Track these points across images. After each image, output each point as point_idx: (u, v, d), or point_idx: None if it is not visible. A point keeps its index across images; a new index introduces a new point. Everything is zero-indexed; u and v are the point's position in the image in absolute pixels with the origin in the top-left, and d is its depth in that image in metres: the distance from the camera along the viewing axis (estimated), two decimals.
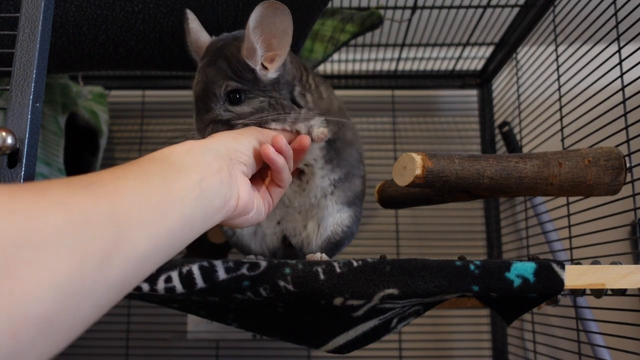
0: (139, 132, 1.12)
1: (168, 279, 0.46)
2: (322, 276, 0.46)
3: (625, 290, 0.51)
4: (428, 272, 0.46)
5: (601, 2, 0.69)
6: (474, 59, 1.07)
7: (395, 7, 0.89)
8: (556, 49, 0.79)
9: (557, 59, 0.78)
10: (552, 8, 0.79)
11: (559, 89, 0.76)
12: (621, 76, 0.62)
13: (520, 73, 0.96)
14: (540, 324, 0.89)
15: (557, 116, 0.75)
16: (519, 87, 0.94)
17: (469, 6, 0.89)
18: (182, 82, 1.10)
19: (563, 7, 0.77)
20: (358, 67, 1.11)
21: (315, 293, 0.46)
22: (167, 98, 1.14)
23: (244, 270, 0.46)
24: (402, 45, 1.02)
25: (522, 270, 0.47)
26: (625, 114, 0.61)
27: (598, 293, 0.57)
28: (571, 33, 0.75)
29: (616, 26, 0.63)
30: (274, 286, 0.46)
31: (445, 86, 1.13)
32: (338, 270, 0.46)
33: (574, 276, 0.47)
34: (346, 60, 1.10)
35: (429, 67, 1.11)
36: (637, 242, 0.62)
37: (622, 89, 0.62)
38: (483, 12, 0.91)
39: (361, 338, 0.54)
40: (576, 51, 0.74)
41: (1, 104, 0.80)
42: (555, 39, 0.79)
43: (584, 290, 0.61)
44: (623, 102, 0.61)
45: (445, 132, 1.15)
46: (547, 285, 0.46)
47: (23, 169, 0.41)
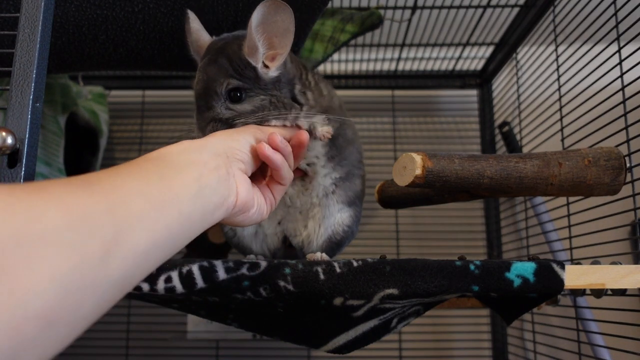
0: (139, 132, 1.12)
1: (168, 279, 0.46)
2: (322, 276, 0.46)
3: (625, 290, 0.51)
4: (428, 272, 0.46)
5: (601, 2, 0.69)
6: (474, 59, 1.07)
7: (395, 7, 0.89)
8: (556, 49, 0.79)
9: (557, 59, 0.78)
10: (552, 8, 0.79)
11: (559, 89, 0.76)
12: (621, 76, 0.62)
13: (520, 73, 0.96)
14: (540, 324, 0.89)
15: (557, 116, 0.75)
16: (519, 87, 0.94)
17: (469, 6, 0.89)
18: (182, 82, 1.10)
19: (563, 7, 0.77)
20: (358, 67, 1.11)
21: (315, 293, 0.46)
22: (167, 98, 1.14)
23: (244, 270, 0.46)
24: (402, 45, 1.02)
25: (522, 270, 0.47)
26: (625, 114, 0.61)
27: (598, 293, 0.57)
28: (571, 33, 0.75)
29: (616, 26, 0.63)
30: (274, 286, 0.46)
31: (445, 86, 1.13)
32: (338, 270, 0.46)
33: (574, 276, 0.47)
34: (346, 60, 1.09)
35: (429, 67, 1.11)
36: (637, 242, 0.62)
37: (622, 89, 0.62)
38: (483, 12, 0.91)
39: (361, 338, 0.54)
40: (576, 51, 0.74)
41: (1, 104, 0.80)
42: (555, 39, 0.79)
43: (584, 290, 0.61)
44: (623, 102, 0.61)
45: (445, 132, 1.15)
46: (547, 285, 0.46)
47: (23, 169, 0.41)
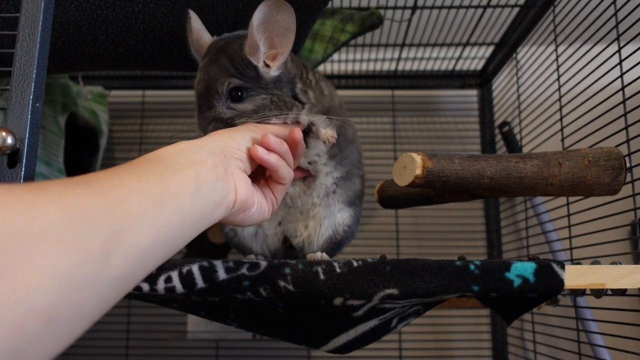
0: (139, 132, 1.12)
1: (168, 279, 0.46)
2: (322, 276, 0.46)
3: (625, 290, 0.51)
4: (428, 272, 0.46)
5: (601, 2, 0.69)
6: (474, 59, 1.07)
7: (395, 7, 0.89)
8: (556, 49, 0.79)
9: (557, 59, 0.78)
10: (552, 8, 0.79)
11: (559, 89, 0.76)
12: (621, 76, 0.62)
13: (520, 73, 0.96)
14: (540, 324, 0.89)
15: (557, 116, 0.75)
16: (519, 87, 0.94)
17: (469, 6, 0.89)
18: (182, 82, 1.10)
19: (563, 7, 0.77)
20: (358, 67, 1.11)
21: (315, 293, 0.46)
22: (167, 98, 1.14)
23: (244, 270, 0.46)
24: (402, 45, 1.02)
25: (522, 270, 0.46)
26: (625, 114, 0.61)
27: (598, 293, 0.57)
28: (571, 33, 0.75)
29: (616, 26, 0.63)
30: (274, 286, 0.46)
31: (445, 86, 1.13)
32: (338, 270, 0.46)
33: (574, 276, 0.47)
34: (346, 60, 1.09)
35: (429, 67, 1.11)
36: (637, 242, 0.62)
37: (622, 89, 0.62)
38: (483, 12, 0.90)
39: (361, 338, 0.54)
40: (576, 51, 0.74)
41: (1, 104, 0.80)
42: (555, 39, 0.79)
43: (584, 290, 0.61)
44: (623, 102, 0.61)
45: (445, 132, 1.15)
46: (547, 285, 0.46)
47: (23, 169, 0.41)
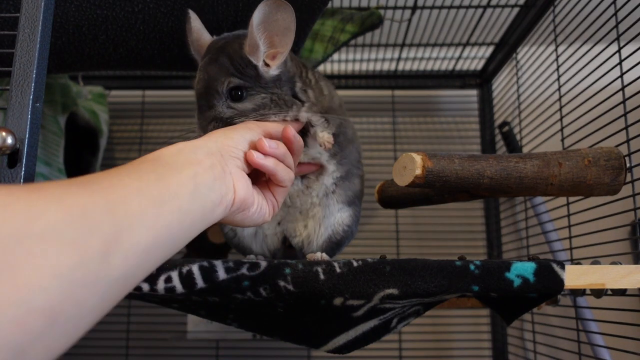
0: (139, 132, 1.12)
1: (168, 279, 0.46)
2: (322, 276, 0.46)
3: (625, 290, 0.51)
4: (428, 272, 0.46)
5: (601, 2, 0.69)
6: (474, 59, 1.07)
7: (395, 7, 0.89)
8: (556, 49, 0.79)
9: (557, 59, 0.78)
10: (552, 8, 0.79)
11: (559, 89, 0.76)
12: (621, 76, 0.62)
13: (520, 73, 0.96)
14: (540, 324, 0.89)
15: (557, 116, 0.74)
16: (519, 87, 0.94)
17: (469, 6, 0.89)
18: (182, 82, 1.10)
19: (563, 7, 0.77)
20: (358, 67, 1.11)
21: (315, 293, 0.46)
22: (167, 98, 1.14)
23: (244, 270, 0.46)
24: (402, 45, 1.02)
25: (522, 270, 0.46)
26: (625, 114, 0.61)
27: (598, 293, 0.57)
28: (571, 33, 0.75)
29: (616, 26, 0.63)
30: (274, 286, 0.46)
31: (445, 86, 1.13)
32: (338, 270, 0.46)
33: (574, 276, 0.47)
34: (346, 60, 1.09)
35: (429, 67, 1.11)
36: (637, 242, 0.62)
37: (622, 89, 0.62)
38: (483, 12, 0.90)
39: (361, 338, 0.54)
40: (576, 51, 0.74)
41: (1, 104, 0.80)
42: (555, 39, 0.79)
43: (584, 290, 0.61)
44: (623, 102, 0.61)
45: (445, 132, 1.15)
46: (547, 285, 0.46)
47: (23, 169, 0.41)
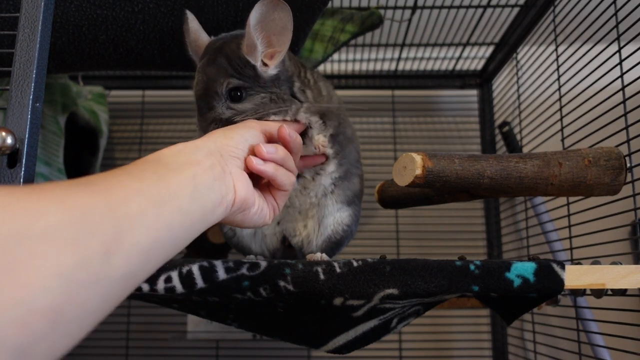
0: (139, 132, 1.12)
1: (168, 279, 0.46)
2: (322, 276, 0.46)
3: (625, 290, 0.51)
4: (428, 272, 0.46)
5: (601, 2, 0.69)
6: (474, 59, 1.07)
7: (395, 7, 0.89)
8: (556, 49, 0.79)
9: (557, 59, 0.78)
10: (552, 8, 0.79)
11: (559, 89, 0.76)
12: (621, 76, 0.62)
13: (520, 73, 0.96)
14: (540, 324, 0.89)
15: (557, 116, 0.74)
16: (519, 87, 0.94)
17: (469, 6, 0.89)
18: (182, 82, 1.10)
19: (563, 7, 0.77)
20: (358, 67, 1.11)
21: (315, 293, 0.46)
22: (167, 98, 1.14)
23: (244, 270, 0.46)
24: (402, 45, 1.02)
25: (522, 270, 0.46)
26: (625, 114, 0.61)
27: (598, 293, 0.57)
28: (571, 33, 0.75)
29: (616, 26, 0.63)
30: (274, 286, 0.46)
31: (445, 86, 1.13)
32: (338, 270, 0.46)
33: (574, 276, 0.47)
34: (346, 60, 1.09)
35: (429, 67, 1.11)
36: (637, 242, 0.62)
37: (622, 89, 0.62)
38: (483, 12, 0.90)
39: (361, 338, 0.54)
40: (576, 51, 0.74)
41: (1, 104, 0.80)
42: (555, 39, 0.78)
43: (584, 290, 0.61)
44: (623, 102, 0.61)
45: (445, 132, 1.15)
46: (547, 285, 0.46)
47: (23, 169, 0.41)
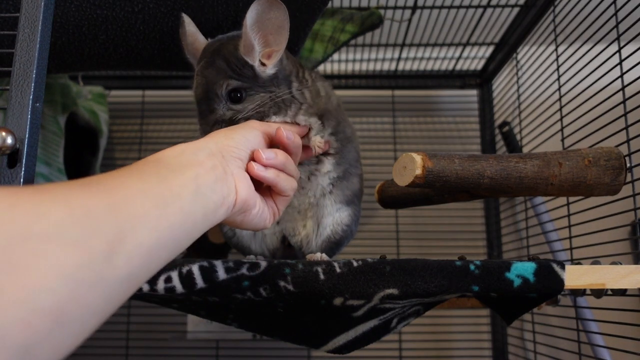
0: (139, 132, 1.12)
1: (168, 279, 0.46)
2: (322, 276, 0.46)
3: (625, 290, 0.51)
4: (428, 272, 0.46)
5: (601, 2, 0.69)
6: (474, 59, 1.07)
7: (395, 7, 0.89)
8: (556, 49, 0.79)
9: (557, 59, 0.78)
10: (552, 8, 0.79)
11: (559, 89, 0.76)
12: (621, 76, 0.62)
13: (520, 73, 0.96)
14: (540, 324, 0.89)
15: (557, 116, 0.74)
16: (519, 87, 0.94)
17: (469, 6, 0.89)
18: (182, 82, 1.10)
19: (563, 7, 0.77)
20: (358, 67, 1.11)
21: (315, 293, 0.46)
22: (167, 98, 1.14)
23: (244, 270, 0.46)
24: (402, 45, 1.02)
25: (522, 270, 0.46)
26: (625, 114, 0.61)
27: (598, 293, 0.57)
28: (571, 33, 0.75)
29: (616, 26, 0.63)
30: (274, 286, 0.46)
31: (445, 86, 1.13)
32: (338, 270, 0.46)
33: (574, 276, 0.47)
34: (346, 60, 1.09)
35: (429, 67, 1.11)
36: (637, 242, 0.62)
37: (622, 89, 0.62)
38: (483, 12, 0.90)
39: (361, 338, 0.54)
40: (576, 51, 0.74)
41: (1, 104, 0.80)
42: (555, 39, 0.78)
43: (584, 290, 0.61)
44: (623, 102, 0.61)
45: (445, 132, 1.15)
46: (547, 285, 0.46)
47: (23, 169, 0.40)
